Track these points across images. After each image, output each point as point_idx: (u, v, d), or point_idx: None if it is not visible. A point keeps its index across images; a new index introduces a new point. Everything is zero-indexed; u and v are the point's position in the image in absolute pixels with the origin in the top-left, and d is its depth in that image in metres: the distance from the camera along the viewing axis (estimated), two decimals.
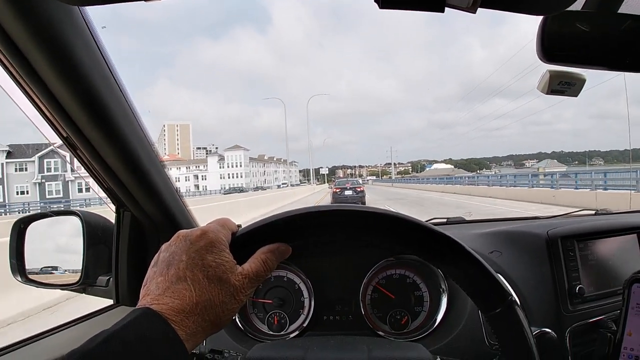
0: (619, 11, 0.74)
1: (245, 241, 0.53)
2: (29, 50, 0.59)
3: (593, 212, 1.67)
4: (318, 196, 34.36)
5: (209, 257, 0.48)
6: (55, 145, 0.88)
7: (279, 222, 0.54)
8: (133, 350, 0.40)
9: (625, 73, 0.75)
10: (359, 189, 22.72)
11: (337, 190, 22.82)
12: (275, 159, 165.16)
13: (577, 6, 0.74)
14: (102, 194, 0.94)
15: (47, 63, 0.61)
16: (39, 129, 0.78)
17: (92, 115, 0.71)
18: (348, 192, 22.28)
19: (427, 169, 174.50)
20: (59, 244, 1.12)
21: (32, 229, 1.03)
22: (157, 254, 0.51)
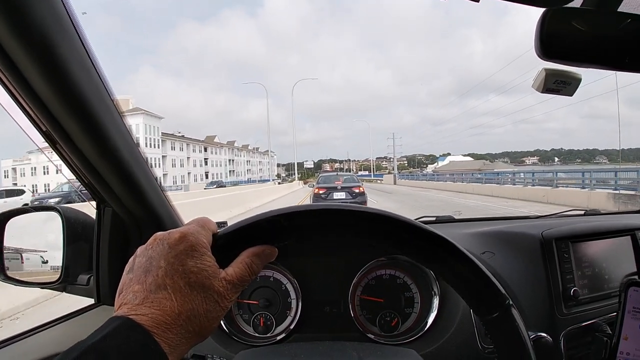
0: (618, 10, 0.73)
1: (227, 243, 0.50)
2: (4, 39, 0.56)
3: (582, 212, 1.68)
4: None
5: (189, 262, 0.44)
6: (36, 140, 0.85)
7: (262, 223, 0.51)
8: None
9: (618, 74, 0.74)
10: (356, 190, 14.51)
11: (321, 192, 14.52)
12: (239, 145, 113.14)
13: (576, 3, 0.73)
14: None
15: (25, 52, 0.58)
16: (18, 123, 0.75)
17: (71, 108, 0.68)
18: (339, 195, 14.21)
19: (441, 161, 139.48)
20: (39, 241, 1.08)
21: (11, 225, 0.99)
22: (132, 258, 0.47)
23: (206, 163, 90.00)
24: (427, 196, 24.25)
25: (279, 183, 58.01)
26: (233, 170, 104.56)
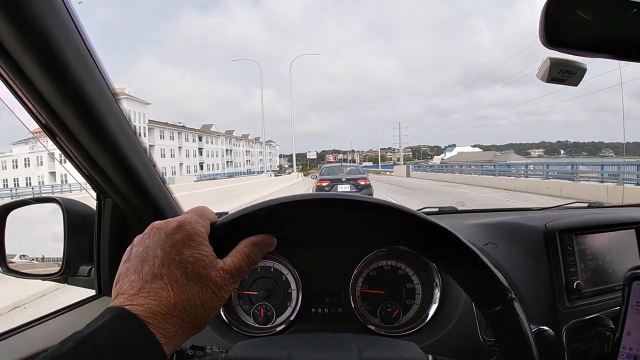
0: None
1: (225, 232, 0.50)
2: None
3: (586, 204, 1.66)
4: None
5: (186, 252, 0.44)
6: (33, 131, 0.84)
7: (262, 212, 0.51)
8: (107, 355, 0.36)
9: (623, 67, 0.73)
10: (361, 182, 13.76)
11: (325, 184, 13.79)
12: (239, 135, 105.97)
13: None
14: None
15: (21, 44, 0.57)
16: (17, 116, 0.74)
17: (69, 99, 0.67)
18: (343, 188, 13.41)
19: (448, 152, 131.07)
20: (40, 233, 1.08)
21: (12, 217, 0.99)
22: (129, 248, 0.47)
23: (201, 153, 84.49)
24: (469, 196, 17.39)
25: (275, 175, 52.22)
26: (231, 161, 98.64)
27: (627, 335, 0.77)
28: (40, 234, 1.08)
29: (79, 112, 0.69)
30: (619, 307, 0.79)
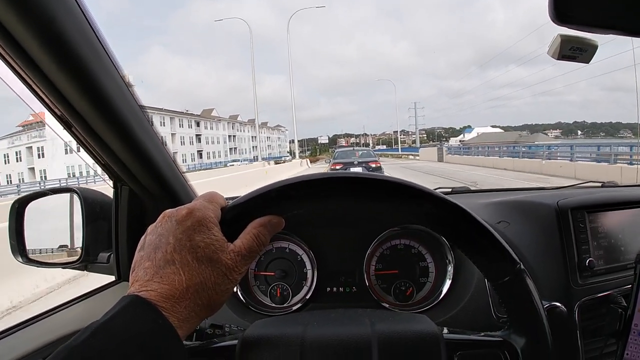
0: None
1: (235, 216, 0.51)
2: (13, 26, 0.56)
3: (599, 184, 1.64)
4: None
5: (197, 237, 0.46)
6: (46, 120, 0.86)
7: (270, 194, 0.52)
8: (121, 342, 0.38)
9: (638, 46, 0.70)
10: (373, 165, 14.88)
11: (338, 167, 14.24)
12: (245, 120, 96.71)
13: None
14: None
15: (32, 35, 0.58)
16: (32, 108, 0.76)
17: (83, 89, 0.67)
18: (356, 170, 8.37)
19: (467, 133, 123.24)
20: (59, 223, 1.10)
21: (31, 209, 1.02)
22: (143, 237, 0.49)
23: (199, 140, 76.34)
24: None
25: (276, 163, 43.57)
26: (235, 148, 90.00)
27: (638, 312, 0.77)
28: (58, 224, 1.10)
29: (93, 101, 0.70)
30: (631, 285, 0.79)
